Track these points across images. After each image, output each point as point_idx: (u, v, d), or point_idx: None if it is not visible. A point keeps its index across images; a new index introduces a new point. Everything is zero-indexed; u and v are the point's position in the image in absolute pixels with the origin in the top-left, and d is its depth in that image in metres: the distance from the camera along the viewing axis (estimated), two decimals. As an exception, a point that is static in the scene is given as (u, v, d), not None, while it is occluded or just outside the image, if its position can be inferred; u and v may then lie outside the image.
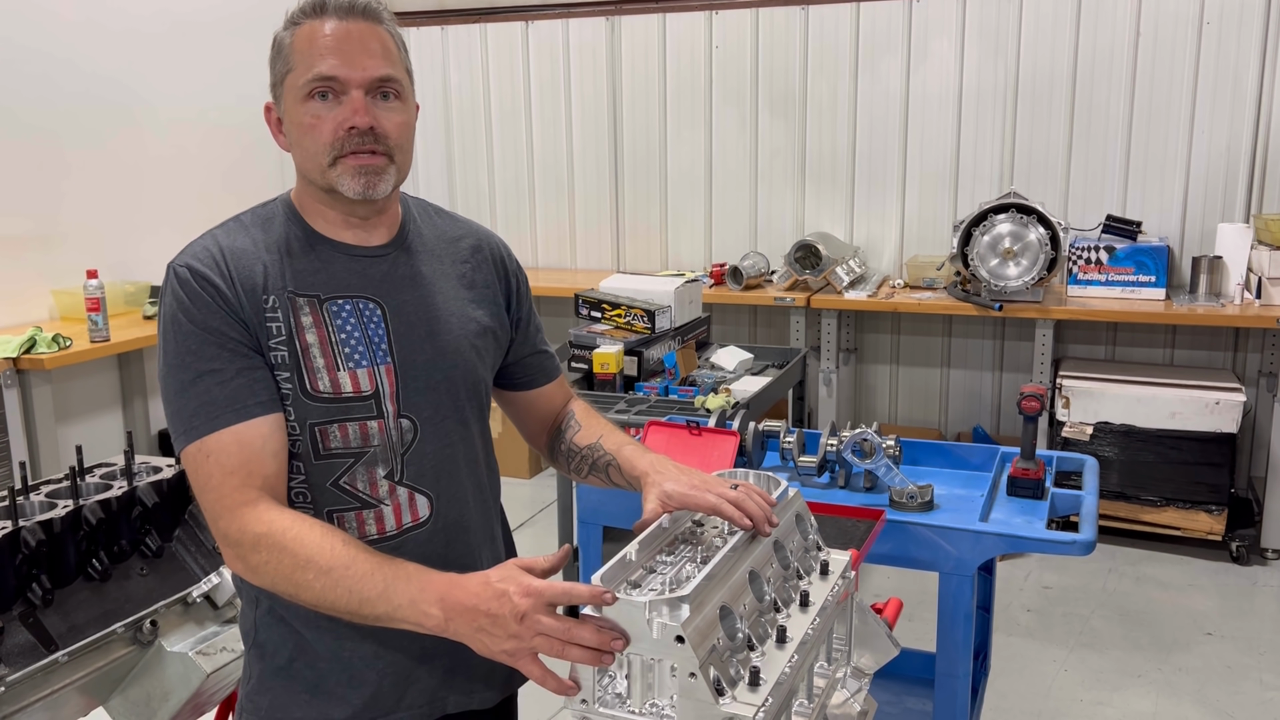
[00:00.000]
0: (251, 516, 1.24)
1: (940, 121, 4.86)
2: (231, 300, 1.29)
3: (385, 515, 1.36)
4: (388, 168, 1.33)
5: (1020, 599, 3.85)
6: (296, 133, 1.33)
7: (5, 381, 3.58)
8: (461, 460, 1.43)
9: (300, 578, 1.21)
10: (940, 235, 4.90)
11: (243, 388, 1.27)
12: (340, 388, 1.32)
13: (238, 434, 1.26)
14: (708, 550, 1.27)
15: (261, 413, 1.28)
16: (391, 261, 1.40)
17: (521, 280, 1.57)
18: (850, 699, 1.41)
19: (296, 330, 1.32)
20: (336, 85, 1.30)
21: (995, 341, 4.96)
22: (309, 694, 1.37)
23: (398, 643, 1.36)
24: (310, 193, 1.37)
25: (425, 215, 1.51)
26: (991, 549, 2.18)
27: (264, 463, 1.27)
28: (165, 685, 1.71)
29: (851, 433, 2.48)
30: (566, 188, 5.60)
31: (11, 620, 1.53)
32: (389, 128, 1.32)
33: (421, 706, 1.41)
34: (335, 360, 1.33)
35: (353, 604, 1.20)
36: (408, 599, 1.17)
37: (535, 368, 1.60)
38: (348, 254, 1.38)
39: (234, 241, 1.34)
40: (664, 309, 3.81)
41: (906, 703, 2.70)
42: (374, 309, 1.37)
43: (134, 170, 4.60)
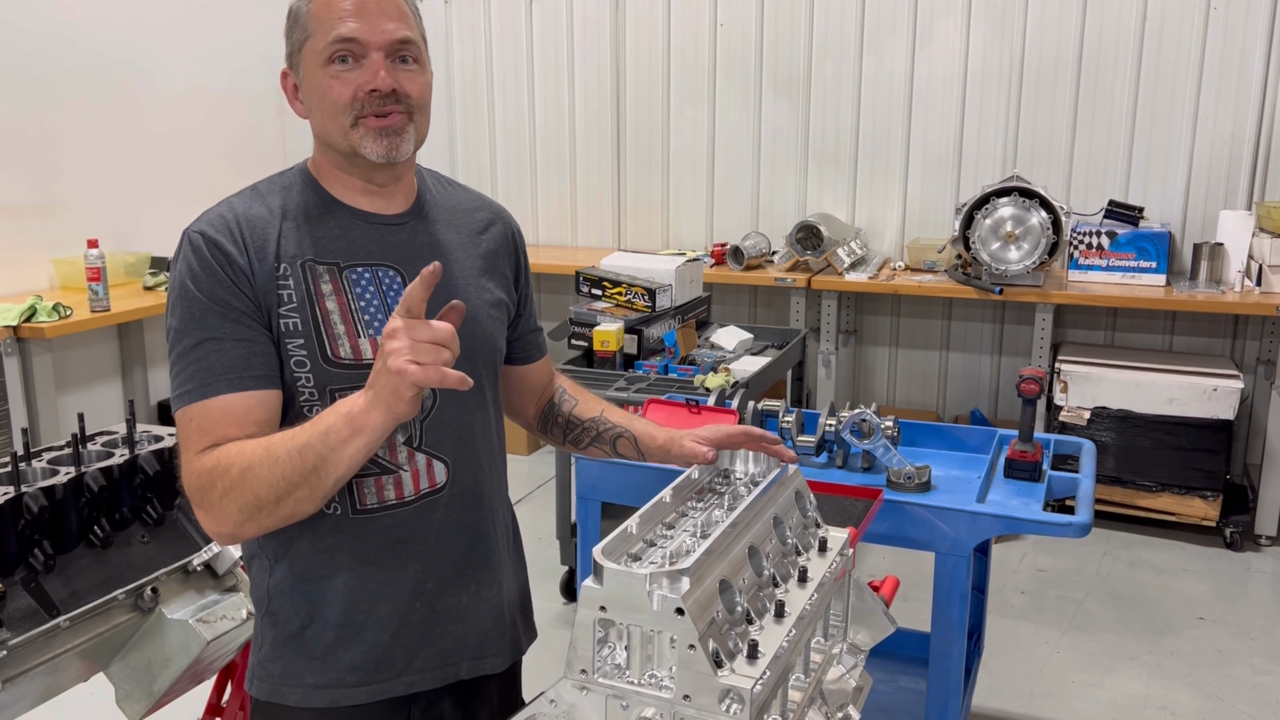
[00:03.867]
0: (199, 462, 1.26)
1: (944, 103, 4.84)
2: (243, 267, 1.30)
3: (404, 481, 1.38)
4: (407, 127, 1.34)
5: (1014, 581, 3.87)
6: (316, 97, 1.33)
7: (5, 350, 3.58)
8: (478, 428, 1.45)
9: (250, 481, 1.22)
10: (942, 218, 4.89)
11: (239, 359, 1.28)
12: (361, 354, 1.33)
13: (224, 403, 1.27)
14: (708, 524, 1.28)
15: (254, 386, 1.29)
16: (410, 230, 1.42)
17: (525, 257, 1.60)
18: (846, 674, 1.42)
19: (316, 297, 1.33)
20: (356, 48, 1.30)
21: (995, 325, 4.96)
22: (321, 660, 1.39)
23: (410, 605, 1.40)
24: (329, 158, 1.38)
25: (439, 185, 1.52)
26: (988, 530, 2.20)
27: (242, 430, 1.27)
28: (165, 652, 1.72)
29: (850, 413, 2.48)
30: (568, 165, 5.59)
31: (14, 585, 1.54)
32: (410, 89, 1.33)
33: (433, 670, 1.43)
34: (356, 327, 1.34)
35: (296, 463, 1.21)
36: (334, 415, 1.21)
37: (532, 344, 1.64)
38: (367, 221, 1.39)
39: (250, 209, 1.35)
40: (665, 288, 3.81)
41: (900, 681, 2.72)
42: (394, 276, 1.38)
43: (135, 140, 4.59)
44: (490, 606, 1.48)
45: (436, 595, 1.43)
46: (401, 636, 1.41)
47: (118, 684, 1.75)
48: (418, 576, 1.41)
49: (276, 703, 1.40)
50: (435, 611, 1.42)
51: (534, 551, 4.03)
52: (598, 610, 1.09)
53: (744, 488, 1.43)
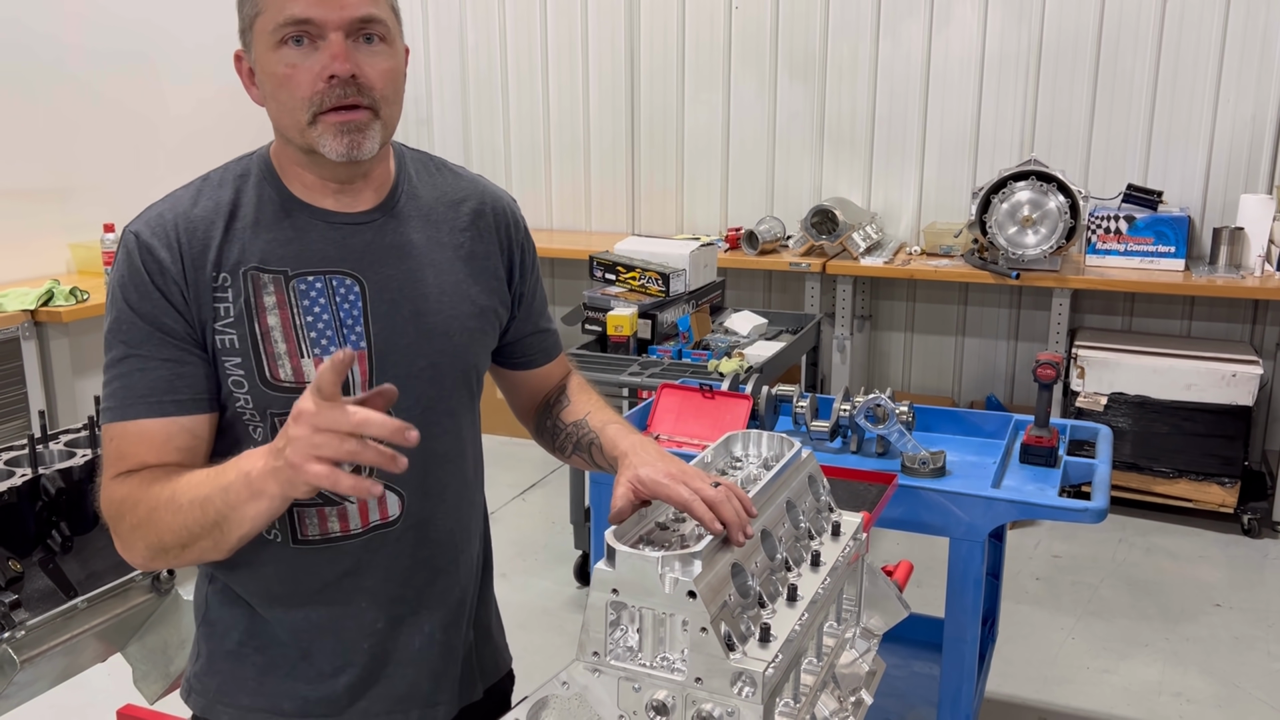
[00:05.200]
0: (112, 491, 1.17)
1: (961, 86, 4.80)
2: (175, 277, 1.18)
3: (350, 513, 1.25)
4: (372, 123, 1.18)
5: (1029, 567, 3.86)
6: (270, 85, 1.18)
7: (23, 333, 3.60)
8: (442, 456, 1.31)
9: (155, 523, 1.13)
10: (959, 202, 4.86)
11: (162, 380, 1.18)
12: (304, 376, 1.20)
13: (143, 428, 1.17)
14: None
15: (175, 411, 1.18)
16: (377, 229, 1.26)
17: (528, 251, 1.41)
18: (859, 659, 1.42)
19: (257, 311, 1.20)
20: (312, 28, 1.14)
21: (1011, 310, 4.93)
22: (256, 682, 1.29)
23: (356, 643, 1.29)
24: (288, 153, 1.24)
25: (425, 173, 1.35)
26: (1003, 515, 2.19)
27: (163, 457, 1.18)
28: (182, 633, 1.74)
29: (865, 398, 2.48)
30: (582, 149, 5.57)
31: (32, 566, 1.55)
32: (373, 76, 1.17)
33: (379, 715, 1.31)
34: (299, 345, 1.20)
35: (197, 514, 1.10)
36: (235, 470, 1.08)
37: (535, 348, 1.46)
38: (326, 221, 1.24)
39: (195, 207, 1.22)
40: (679, 272, 3.80)
41: (914, 666, 2.72)
42: (350, 285, 1.23)
43: (151, 125, 4.60)
44: (446, 648, 1.35)
45: (387, 635, 1.31)
46: (345, 674, 1.29)
47: (135, 664, 1.77)
48: (365, 614, 1.29)
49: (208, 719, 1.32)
50: (385, 651, 1.30)
51: (547, 536, 4.06)
52: (610, 593, 1.09)
53: (757, 471, 1.42)
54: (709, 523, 1.13)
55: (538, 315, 1.46)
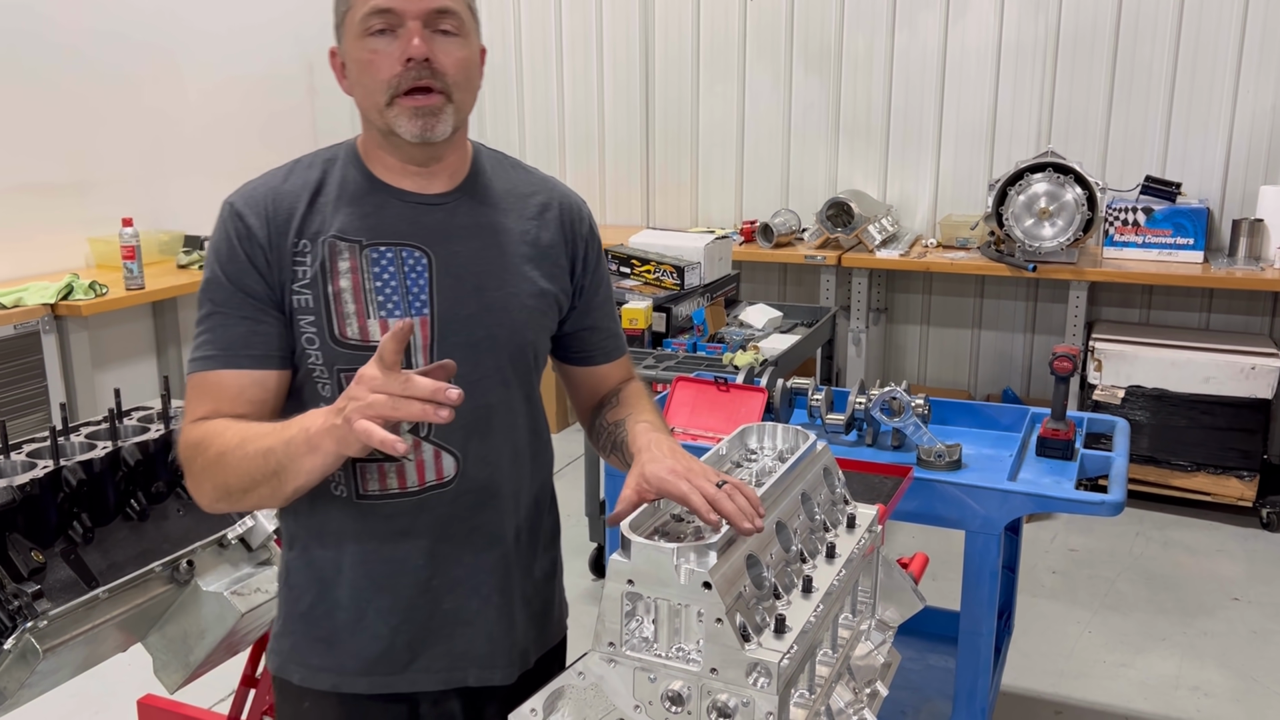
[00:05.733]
0: (190, 432, 1.29)
1: (978, 78, 4.78)
2: (261, 242, 1.30)
3: (407, 470, 1.33)
4: (445, 107, 1.29)
5: (1046, 560, 3.84)
6: (356, 71, 1.30)
7: (44, 327, 3.63)
8: (497, 422, 1.38)
9: (223, 467, 1.23)
10: (975, 194, 4.84)
11: (240, 336, 1.29)
12: (369, 335, 1.31)
13: (220, 378, 1.29)
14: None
15: (249, 365, 1.29)
16: (449, 210, 1.36)
17: (592, 248, 1.48)
18: (874, 650, 1.42)
19: (331, 274, 1.30)
20: (393, 18, 1.26)
21: (1028, 303, 4.91)
22: (326, 643, 1.38)
23: (409, 602, 1.37)
24: (372, 138, 1.36)
25: (499, 168, 1.45)
26: (1019, 508, 2.18)
27: (234, 406, 1.28)
28: (201, 624, 1.75)
29: (880, 391, 2.47)
30: (597, 142, 5.57)
31: (54, 556, 1.56)
32: (447, 63, 1.28)
33: (438, 672, 1.39)
34: (366, 307, 1.31)
35: (260, 462, 1.20)
36: (298, 425, 1.19)
37: (592, 345, 1.52)
38: (402, 200, 1.35)
39: (284, 183, 1.35)
40: (693, 265, 3.79)
41: (929, 660, 2.72)
42: (419, 257, 1.33)
43: (168, 120, 4.63)
44: (503, 613, 1.41)
45: (442, 594, 1.38)
46: (404, 632, 1.37)
47: (155, 654, 1.79)
48: (421, 572, 1.37)
49: (283, 678, 1.41)
50: (441, 610, 1.38)
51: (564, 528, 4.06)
52: (625, 584, 1.09)
53: (772, 464, 1.43)
54: (704, 514, 1.16)
55: (596, 312, 1.51)
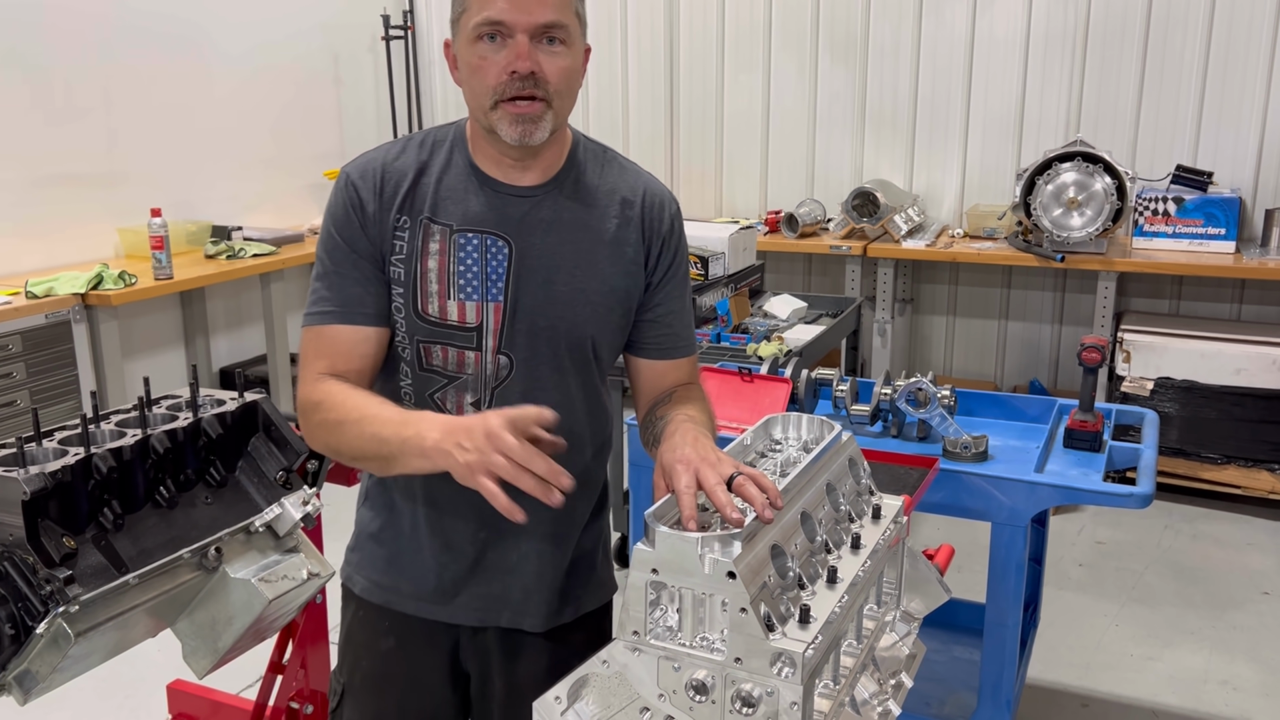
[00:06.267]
0: (315, 388, 1.42)
1: (1006, 66, 4.73)
2: (371, 213, 1.42)
3: None
4: (544, 114, 1.36)
5: (1072, 553, 3.81)
6: (466, 72, 1.38)
7: (74, 316, 3.68)
8: (548, 403, 1.36)
9: (339, 434, 1.37)
10: (1002, 184, 4.79)
11: (352, 295, 1.43)
12: (447, 315, 1.42)
13: (334, 332, 1.43)
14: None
15: (361, 321, 1.43)
16: (534, 203, 1.44)
17: (669, 244, 1.51)
18: (899, 642, 1.42)
19: (422, 254, 1.42)
20: (504, 29, 1.33)
21: (1056, 294, 4.86)
22: (386, 562, 1.56)
23: (459, 548, 1.52)
24: (476, 129, 1.43)
25: (594, 162, 1.50)
26: (1046, 500, 2.17)
27: (348, 361, 1.43)
28: (229, 610, 1.76)
29: (906, 382, 2.46)
30: (621, 132, 5.56)
31: (85, 543, 1.58)
32: (550, 73, 1.35)
33: (475, 611, 1.54)
34: (448, 288, 1.42)
35: (374, 445, 1.32)
36: (414, 430, 1.27)
37: (648, 337, 1.54)
38: (494, 190, 1.43)
39: (396, 160, 1.45)
40: (717, 255, 3.79)
41: (955, 652, 2.71)
42: (501, 246, 1.42)
43: (196, 112, 4.66)
44: (539, 571, 1.53)
45: (488, 545, 1.52)
46: (451, 571, 1.52)
47: (184, 640, 1.80)
48: (473, 525, 1.50)
49: (348, 586, 1.62)
50: (486, 559, 1.52)
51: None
52: (649, 573, 1.09)
53: (797, 454, 1.42)
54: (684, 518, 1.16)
55: (660, 307, 1.53)
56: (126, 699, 2.86)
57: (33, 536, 1.51)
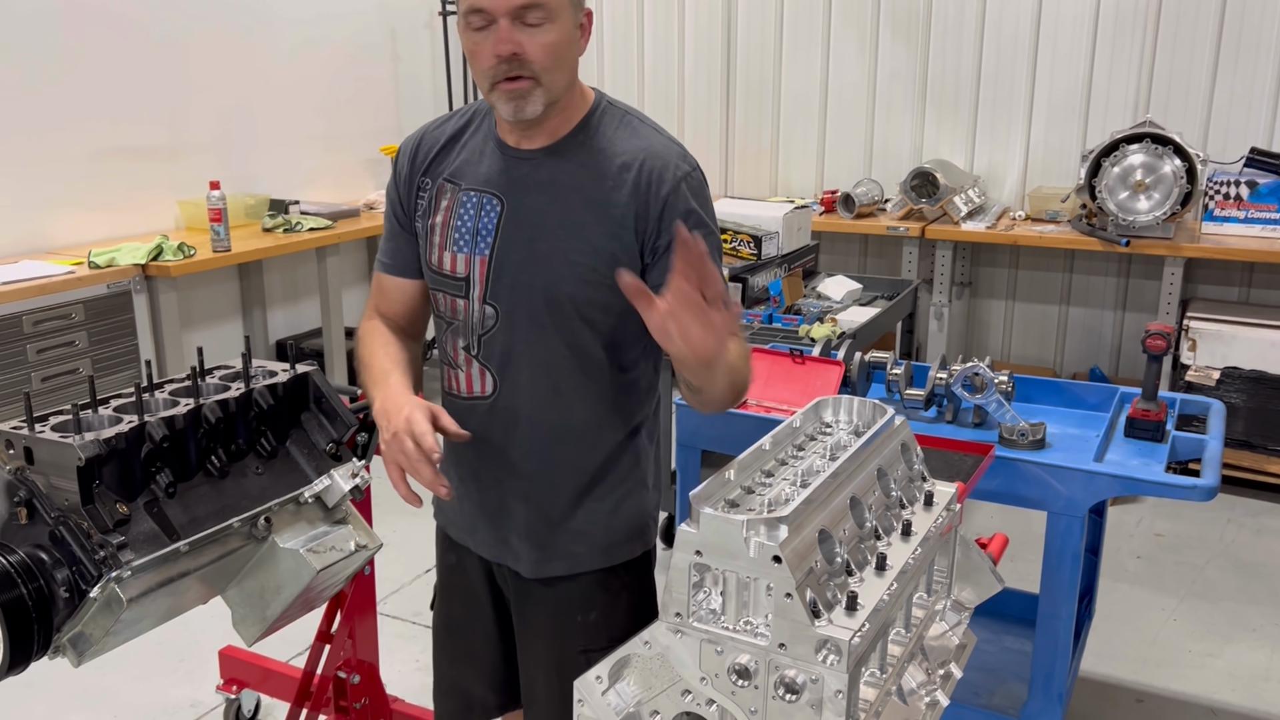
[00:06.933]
0: (363, 324, 1.69)
1: (1074, 43, 4.59)
2: (406, 175, 1.61)
3: (460, 379, 1.60)
4: (533, 90, 1.42)
5: (1130, 544, 3.73)
6: (468, 58, 1.47)
7: (135, 287, 3.74)
8: (530, 357, 1.54)
9: (358, 365, 1.66)
10: (1067, 166, 4.66)
11: (393, 249, 1.65)
12: (443, 265, 1.57)
13: (382, 279, 1.68)
14: (809, 474, 1.25)
15: (399, 274, 1.65)
16: (534, 165, 1.51)
17: (670, 207, 1.47)
18: (949, 631, 1.39)
19: (434, 210, 1.57)
20: (486, 17, 1.39)
21: (1119, 279, 4.74)
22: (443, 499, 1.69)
23: (468, 485, 1.66)
24: None
25: (610, 127, 1.52)
26: (1104, 490, 2.11)
27: (390, 305, 1.67)
28: (278, 579, 1.78)
29: (962, 366, 2.41)
30: (676, 109, 5.51)
31: (137, 509, 1.60)
32: (532, 52, 1.40)
33: (488, 546, 1.68)
34: (446, 240, 1.55)
35: (365, 389, 1.60)
36: (375, 392, 1.54)
37: None
38: (502, 153, 1.53)
39: (440, 128, 1.61)
40: (771, 235, 3.74)
41: (1005, 642, 2.66)
42: (494, 204, 1.52)
43: (256, 85, 4.71)
44: (527, 519, 1.61)
45: (487, 487, 1.64)
46: (465, 504, 1.67)
47: (234, 608, 1.82)
48: (472, 464, 1.64)
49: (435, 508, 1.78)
50: (485, 499, 1.64)
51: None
52: (693, 555, 1.07)
53: (847, 438, 1.39)
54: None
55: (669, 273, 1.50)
56: (181, 662, 2.92)
57: (87, 502, 1.53)
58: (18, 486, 1.55)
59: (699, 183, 1.52)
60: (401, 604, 3.26)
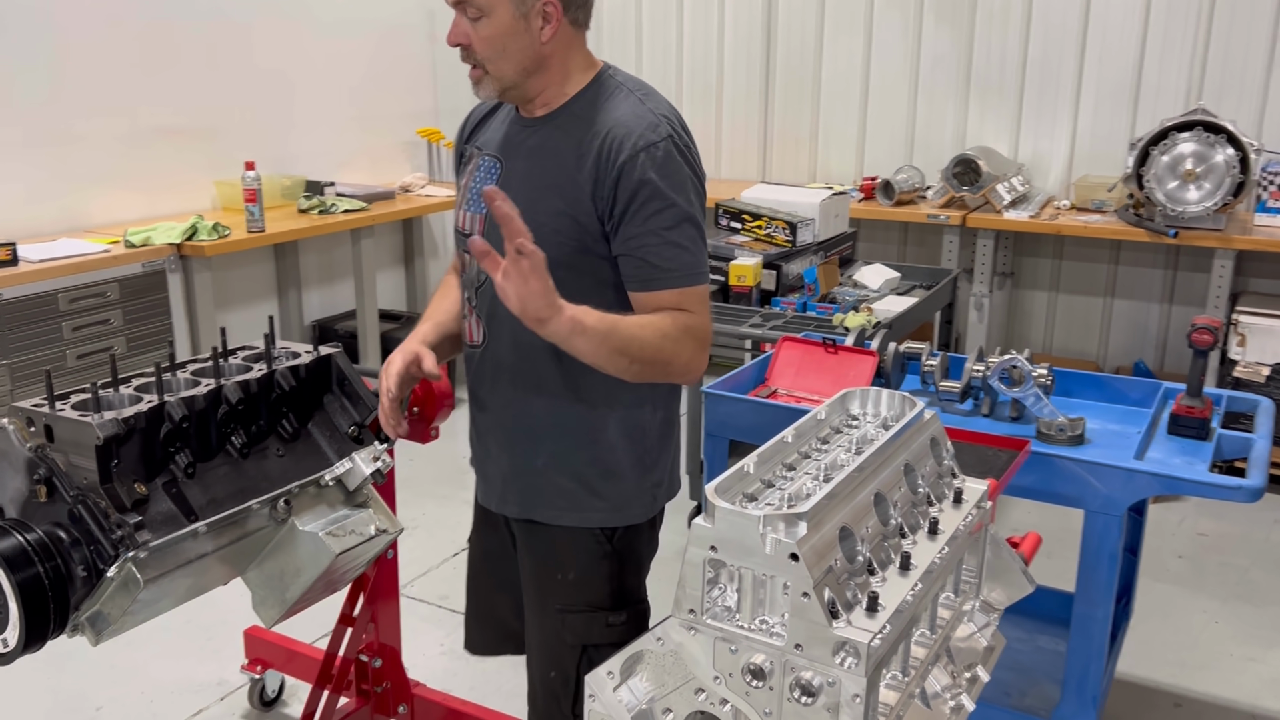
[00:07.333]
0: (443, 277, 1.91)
1: (1124, 28, 4.46)
2: (458, 147, 1.80)
3: (467, 329, 1.75)
4: (483, 79, 1.58)
5: (1172, 544, 3.63)
6: None
7: (170, 266, 3.76)
8: (494, 309, 1.63)
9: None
10: (1114, 154, 4.54)
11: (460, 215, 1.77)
12: (458, 223, 1.72)
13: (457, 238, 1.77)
14: (832, 468, 1.21)
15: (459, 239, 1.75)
16: (530, 132, 1.62)
17: (628, 176, 1.51)
18: (977, 633, 1.34)
19: (463, 174, 1.73)
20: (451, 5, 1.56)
21: (1166, 271, 4.61)
22: None
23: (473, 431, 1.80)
24: None
25: (603, 100, 1.58)
26: (1144, 489, 2.05)
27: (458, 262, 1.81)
28: (297, 562, 1.77)
29: (1000, 358, 2.35)
30: (714, 93, 5.45)
31: (156, 489, 1.60)
32: (476, 43, 1.54)
33: (483, 494, 1.82)
34: (462, 201, 1.71)
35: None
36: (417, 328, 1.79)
37: (627, 271, 1.57)
38: (515, 122, 1.66)
39: (485, 103, 1.74)
40: (807, 222, 3.68)
41: (1039, 641, 2.60)
42: (496, 167, 1.65)
43: (293, 66, 4.71)
44: (511, 466, 1.72)
45: (486, 432, 1.76)
46: (476, 449, 1.81)
47: (254, 589, 1.82)
48: (475, 410, 1.77)
49: None
50: (485, 443, 1.76)
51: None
52: (708, 550, 1.04)
53: (874, 431, 1.35)
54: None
55: (631, 241, 1.54)
56: (208, 641, 2.94)
57: (105, 481, 1.53)
58: (38, 464, 1.55)
59: (665, 154, 1.52)
60: (429, 587, 3.25)
